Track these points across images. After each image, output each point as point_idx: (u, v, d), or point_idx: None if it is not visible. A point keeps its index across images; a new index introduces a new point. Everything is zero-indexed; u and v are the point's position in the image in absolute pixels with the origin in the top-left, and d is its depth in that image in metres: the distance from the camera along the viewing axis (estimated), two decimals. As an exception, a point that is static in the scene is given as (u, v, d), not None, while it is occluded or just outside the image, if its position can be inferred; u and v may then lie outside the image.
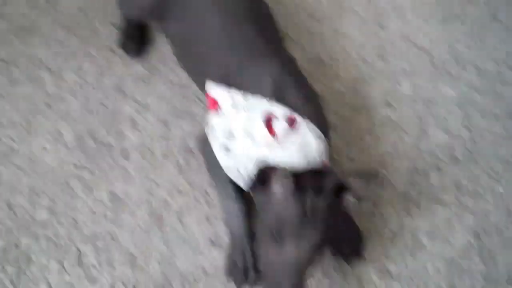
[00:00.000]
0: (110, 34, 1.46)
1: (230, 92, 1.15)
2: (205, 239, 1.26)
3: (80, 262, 1.22)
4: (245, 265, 1.24)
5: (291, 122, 1.10)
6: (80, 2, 1.49)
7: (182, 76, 1.43)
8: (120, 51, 1.44)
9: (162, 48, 1.46)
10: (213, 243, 1.26)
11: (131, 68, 1.43)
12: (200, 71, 1.24)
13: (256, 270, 1.25)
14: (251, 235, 1.26)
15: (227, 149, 1.14)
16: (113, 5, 1.47)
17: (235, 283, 1.22)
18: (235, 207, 1.26)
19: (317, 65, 1.49)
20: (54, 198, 1.27)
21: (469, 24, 1.60)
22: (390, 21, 1.58)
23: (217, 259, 1.25)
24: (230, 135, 1.14)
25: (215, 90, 1.17)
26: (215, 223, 1.28)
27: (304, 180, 1.05)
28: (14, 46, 1.42)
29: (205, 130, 1.21)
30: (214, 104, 1.17)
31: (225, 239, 1.26)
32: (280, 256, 1.04)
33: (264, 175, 1.05)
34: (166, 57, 1.45)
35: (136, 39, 1.44)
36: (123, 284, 1.21)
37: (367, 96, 1.47)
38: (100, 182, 1.30)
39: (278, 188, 1.05)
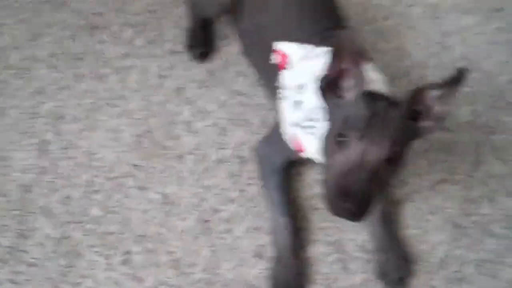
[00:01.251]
0: (176, 37, 1.44)
1: (301, 45, 1.13)
2: (251, 250, 1.24)
3: (127, 261, 1.21)
4: (288, 279, 1.20)
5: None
6: (149, 4, 1.48)
7: (243, 84, 1.40)
8: (184, 55, 1.42)
9: (225, 55, 1.44)
10: (259, 255, 1.23)
11: (193, 72, 1.41)
12: (266, 57, 1.20)
13: (299, 285, 1.21)
14: (296, 251, 1.23)
15: (297, 103, 1.11)
16: (181, 7, 1.46)
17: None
18: (282, 221, 1.23)
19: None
20: (109, 195, 1.27)
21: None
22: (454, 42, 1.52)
23: (261, 271, 1.21)
24: (300, 87, 1.11)
25: (285, 44, 1.15)
26: (263, 236, 1.25)
27: (379, 95, 1.00)
28: (83, 41, 1.42)
29: (277, 93, 1.17)
30: (284, 59, 1.14)
31: (271, 252, 1.23)
32: (345, 158, 0.95)
33: (336, 79, 0.99)
34: (229, 63, 1.43)
35: (201, 43, 1.43)
36: (167, 287, 1.19)
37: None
38: (154, 183, 1.29)
39: (350, 90, 0.99)
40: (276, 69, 1.16)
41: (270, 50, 1.17)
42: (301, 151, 1.14)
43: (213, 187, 1.29)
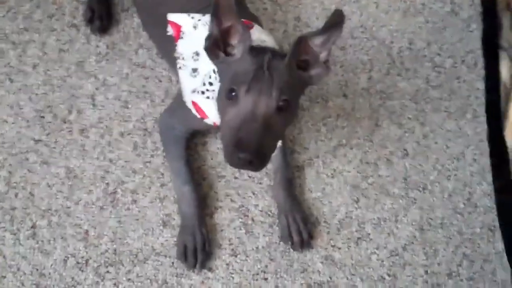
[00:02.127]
0: (75, 11, 1.51)
1: (190, 15, 1.24)
2: (157, 219, 1.35)
3: (34, 235, 1.29)
4: (195, 246, 1.32)
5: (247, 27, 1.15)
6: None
7: (145, 57, 1.49)
8: (84, 28, 1.49)
9: (125, 27, 1.52)
10: (165, 223, 1.35)
11: (93, 46, 1.49)
12: (163, 31, 1.28)
13: (206, 252, 1.34)
14: (202, 218, 1.35)
15: (194, 70, 1.22)
16: (80, -20, 1.52)
17: (186, 265, 1.31)
18: (187, 189, 1.34)
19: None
20: (12, 171, 1.34)
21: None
22: (352, 13, 1.66)
23: (168, 239, 1.33)
24: (195, 55, 1.22)
25: (176, 16, 1.25)
26: (168, 205, 1.36)
27: (265, 49, 1.11)
28: (-22, 17, 1.46)
29: (177, 64, 1.26)
30: (178, 30, 1.24)
31: (177, 220, 1.34)
32: (236, 112, 1.06)
33: (222, 38, 1.09)
34: (129, 36, 1.51)
35: (101, 16, 1.50)
36: (75, 258, 1.29)
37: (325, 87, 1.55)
38: (58, 158, 1.37)
39: (237, 47, 1.10)
40: (172, 40, 1.26)
41: (165, 23, 1.27)
42: (204, 117, 1.25)
43: (117, 160, 1.39)
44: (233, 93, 1.06)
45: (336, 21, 1.04)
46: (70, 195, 1.34)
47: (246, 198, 1.40)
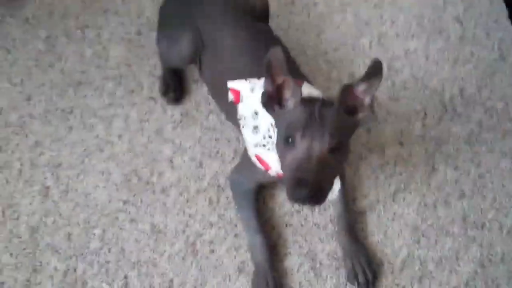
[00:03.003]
0: (152, 85, 1.80)
1: (247, 80, 1.47)
2: (233, 266, 1.58)
3: (126, 285, 1.55)
4: (268, 289, 1.55)
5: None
6: (126, 57, 1.84)
7: (215, 121, 1.76)
8: (160, 100, 1.78)
9: (196, 97, 1.80)
10: (240, 270, 1.57)
11: (169, 115, 1.77)
12: (226, 98, 1.52)
13: (278, 293, 1.56)
14: (273, 264, 1.56)
15: (255, 127, 1.45)
16: (154, 58, 1.82)
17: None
18: (258, 238, 1.57)
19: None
20: (105, 229, 1.61)
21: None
22: (403, 66, 1.88)
23: (243, 284, 1.55)
24: (255, 114, 1.45)
25: (235, 83, 1.49)
26: (242, 253, 1.59)
27: (314, 99, 1.32)
28: (71, 97, 1.77)
29: (240, 125, 1.51)
30: (237, 95, 1.48)
31: (251, 267, 1.57)
32: (294, 156, 1.26)
33: (276, 93, 1.31)
34: (200, 104, 1.78)
35: (174, 88, 1.78)
36: (163, 304, 1.54)
37: (381, 136, 1.77)
38: (144, 215, 1.63)
39: (290, 100, 1.31)
40: (234, 104, 1.52)
41: (227, 90, 1.51)
42: (268, 168, 1.48)
43: (195, 214, 1.63)
44: (290, 140, 1.27)
45: (375, 69, 1.25)
46: (156, 248, 1.59)
47: (313, 244, 1.61)
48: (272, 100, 1.32)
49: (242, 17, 1.62)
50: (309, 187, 1.21)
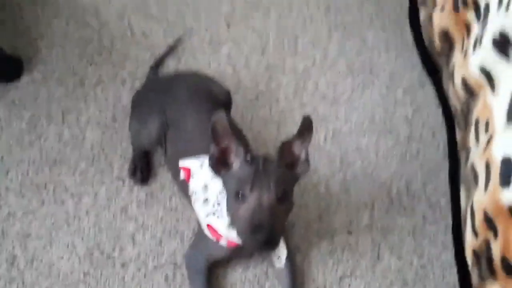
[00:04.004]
0: (121, 167, 1.91)
1: (196, 157, 1.61)
2: None
3: None
4: None
5: None
6: (101, 141, 1.96)
7: (177, 202, 1.85)
8: (128, 180, 1.89)
9: (161, 179, 1.90)
10: None
11: (135, 194, 1.87)
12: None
13: None
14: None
15: (205, 200, 1.57)
16: (126, 142, 1.94)
17: None
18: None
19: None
20: (65, 300, 1.68)
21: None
22: (354, 161, 2.01)
23: None
24: (205, 187, 1.58)
25: (185, 161, 1.63)
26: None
27: (257, 157, 1.44)
28: (46, 173, 1.88)
29: (191, 198, 1.63)
30: (188, 173, 1.62)
31: None
32: (246, 208, 1.38)
33: (222, 156, 1.43)
34: (165, 186, 1.89)
35: (141, 170, 1.89)
36: None
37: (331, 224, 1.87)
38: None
39: (235, 161, 1.43)
40: (185, 183, 1.64)
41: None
42: (219, 238, 1.58)
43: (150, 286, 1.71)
44: (240, 194, 1.40)
45: (306, 125, 1.41)
46: (112, 321, 1.67)
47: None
48: (219, 163, 1.45)
49: (204, 103, 1.77)
50: (265, 231, 1.34)
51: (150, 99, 1.84)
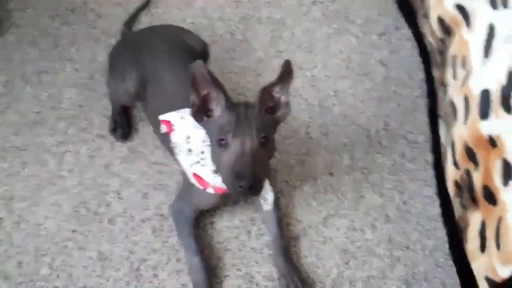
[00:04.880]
0: (102, 124, 1.89)
1: (177, 111, 1.59)
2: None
3: (73, 308, 1.60)
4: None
5: None
6: (79, 99, 1.94)
7: (160, 156, 1.84)
8: (109, 137, 1.87)
9: (142, 134, 1.89)
10: (181, 291, 1.63)
11: (118, 151, 1.85)
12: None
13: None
14: (212, 285, 1.61)
15: (189, 150, 1.56)
16: (105, 100, 1.92)
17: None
18: (197, 261, 1.62)
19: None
20: (54, 257, 1.66)
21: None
22: (333, 105, 2.01)
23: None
24: (187, 138, 1.57)
25: (166, 115, 1.61)
26: (183, 276, 1.64)
27: (238, 104, 1.44)
28: (26, 135, 1.85)
29: (173, 150, 1.61)
30: (169, 125, 1.60)
31: None
32: (229, 154, 1.38)
33: (203, 104, 1.43)
34: (146, 141, 1.87)
35: (122, 126, 1.87)
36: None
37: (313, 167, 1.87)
38: (91, 244, 1.69)
39: (216, 108, 1.42)
40: (166, 134, 1.62)
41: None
42: (206, 186, 1.57)
43: (139, 242, 1.69)
44: (223, 141, 1.39)
45: (287, 69, 1.39)
46: (102, 273, 1.64)
47: (250, 267, 1.67)
48: (200, 111, 1.44)
49: (181, 55, 1.75)
50: (248, 178, 1.34)
51: (126, 55, 1.80)
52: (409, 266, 1.70)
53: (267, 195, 1.66)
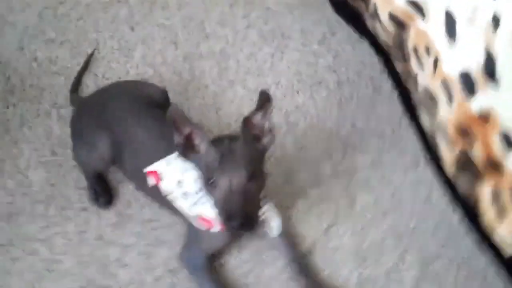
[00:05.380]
0: (80, 197, 1.81)
1: (160, 160, 1.56)
2: None
3: None
4: None
5: None
6: (48, 178, 1.84)
7: (149, 213, 1.79)
8: (92, 208, 1.79)
9: (125, 196, 1.83)
10: None
11: (106, 219, 1.78)
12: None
13: None
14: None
15: (185, 194, 1.54)
16: (75, 172, 1.84)
17: None
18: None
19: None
20: None
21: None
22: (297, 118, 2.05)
23: None
24: (179, 183, 1.54)
25: (150, 166, 1.57)
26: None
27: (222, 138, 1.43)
28: (6, 230, 1.74)
29: (167, 196, 1.56)
30: (157, 176, 1.57)
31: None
32: (218, 193, 1.37)
33: (189, 141, 1.41)
34: (131, 202, 1.81)
35: (103, 193, 1.80)
36: None
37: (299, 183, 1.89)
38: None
39: (201, 145, 1.41)
40: (157, 186, 1.58)
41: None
42: (211, 225, 1.54)
43: (160, 303, 1.65)
44: (211, 180, 1.38)
45: (264, 97, 1.39)
46: None
47: (273, 294, 1.68)
48: (186, 149, 1.43)
49: (146, 108, 1.73)
50: (238, 218, 1.33)
51: (90, 121, 1.74)
52: (419, 250, 1.76)
53: (273, 222, 1.64)
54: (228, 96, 2.07)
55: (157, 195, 1.65)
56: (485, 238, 1.67)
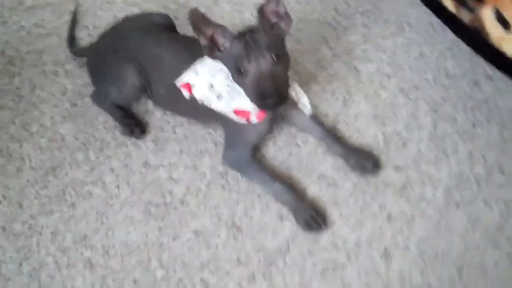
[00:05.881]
0: (114, 135, 1.89)
1: (188, 70, 1.67)
2: (275, 219, 1.71)
3: (207, 285, 1.62)
4: (311, 215, 1.68)
5: None
6: (78, 129, 1.91)
7: (182, 132, 1.89)
8: (130, 140, 1.87)
9: (155, 122, 1.92)
10: (282, 218, 1.71)
11: (145, 147, 1.87)
12: (185, 101, 1.71)
13: (321, 215, 1.71)
14: (301, 197, 1.73)
15: (219, 96, 1.65)
16: (100, 115, 1.92)
17: (315, 231, 1.67)
18: (277, 186, 1.72)
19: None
20: (159, 258, 1.66)
21: None
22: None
23: (291, 227, 1.69)
24: (211, 87, 1.66)
25: (180, 79, 1.68)
26: (274, 206, 1.72)
27: (243, 32, 1.56)
28: (56, 183, 1.80)
29: (207, 105, 1.67)
30: (188, 87, 1.68)
31: (287, 211, 1.70)
32: (250, 79, 1.52)
33: (213, 41, 1.54)
34: (162, 126, 1.90)
35: (136, 124, 1.87)
36: None
37: (306, 71, 2.02)
38: (181, 229, 1.70)
39: (225, 42, 1.55)
40: (193, 98, 1.69)
41: (179, 92, 1.69)
42: (248, 116, 1.65)
43: (219, 203, 1.74)
44: (240, 70, 1.53)
45: None
46: (208, 246, 1.68)
47: (317, 168, 1.80)
48: (212, 49, 1.55)
49: (161, 32, 1.84)
50: (272, 95, 1.48)
51: (113, 59, 1.81)
52: (426, 100, 1.94)
53: (303, 99, 1.74)
54: (217, 14, 2.18)
55: (189, 109, 1.77)
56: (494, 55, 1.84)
